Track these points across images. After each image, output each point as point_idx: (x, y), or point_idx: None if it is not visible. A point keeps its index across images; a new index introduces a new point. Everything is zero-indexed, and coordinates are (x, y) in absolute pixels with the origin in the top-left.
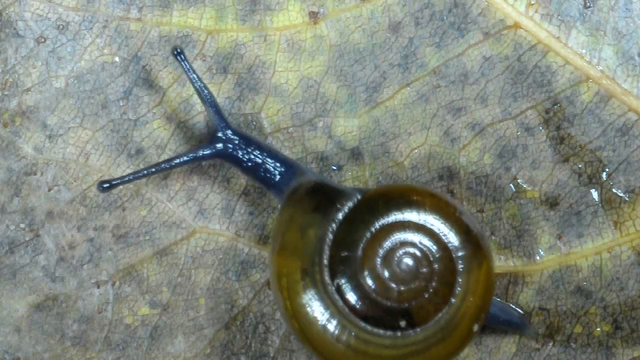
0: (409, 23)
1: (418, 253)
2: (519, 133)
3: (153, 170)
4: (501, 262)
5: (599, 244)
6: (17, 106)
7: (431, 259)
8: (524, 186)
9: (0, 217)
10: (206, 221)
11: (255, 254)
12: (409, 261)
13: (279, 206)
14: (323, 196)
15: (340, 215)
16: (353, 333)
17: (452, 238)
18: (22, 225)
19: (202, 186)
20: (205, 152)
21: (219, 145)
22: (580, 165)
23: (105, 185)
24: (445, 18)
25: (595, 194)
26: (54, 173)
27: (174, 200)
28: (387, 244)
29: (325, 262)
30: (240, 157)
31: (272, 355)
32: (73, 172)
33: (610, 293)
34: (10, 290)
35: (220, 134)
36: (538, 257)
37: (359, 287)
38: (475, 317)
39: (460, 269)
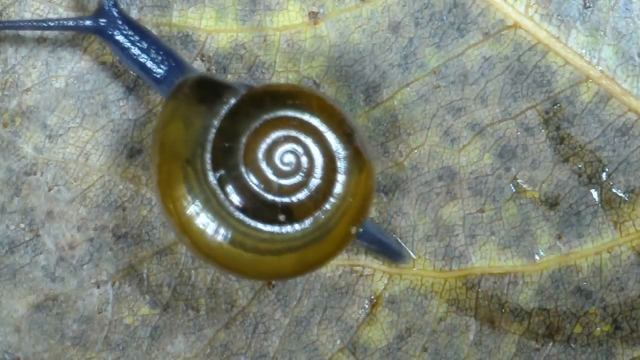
0: (409, 23)
1: (300, 149)
2: (518, 133)
3: (28, 24)
4: (501, 262)
5: (598, 244)
6: (17, 106)
7: (313, 156)
8: (524, 186)
9: (0, 217)
10: None
11: None
12: (290, 156)
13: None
14: (209, 89)
15: (225, 108)
16: (231, 225)
17: (335, 139)
18: (22, 225)
19: None
20: (84, 24)
21: (101, 21)
22: (580, 166)
23: None
24: (445, 18)
25: (595, 194)
26: (54, 173)
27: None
28: (270, 138)
29: (208, 153)
30: (121, 40)
31: (272, 355)
32: (73, 172)
33: (610, 293)
34: (10, 290)
35: (107, 9)
36: (538, 257)
37: (239, 179)
38: (353, 219)
39: (342, 169)
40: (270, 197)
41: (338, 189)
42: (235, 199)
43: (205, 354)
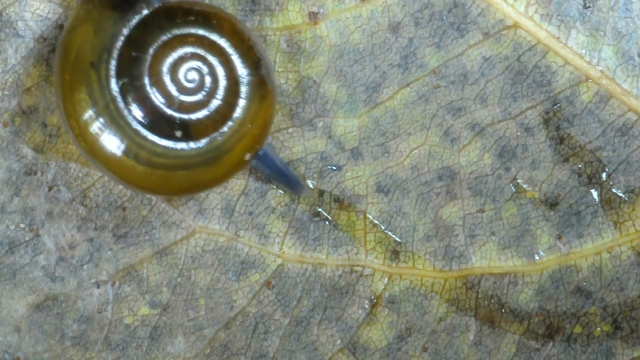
0: (409, 23)
1: (205, 68)
2: (518, 133)
3: None
4: (501, 262)
5: (598, 244)
6: (17, 106)
7: (217, 77)
8: (524, 186)
9: (0, 217)
10: (206, 221)
11: (255, 254)
12: (194, 74)
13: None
14: None
15: (137, 18)
16: (127, 135)
17: (241, 63)
18: (22, 225)
19: None
20: None
21: None
22: (580, 166)
23: None
24: (445, 18)
25: (595, 194)
26: (54, 173)
27: (174, 200)
28: (177, 53)
29: (114, 59)
30: None
31: (271, 355)
32: (73, 172)
33: (610, 293)
34: (10, 290)
35: None
36: (538, 257)
37: (141, 90)
38: (249, 146)
39: (244, 94)
40: (169, 111)
41: (238, 113)
42: (135, 109)
43: (205, 354)
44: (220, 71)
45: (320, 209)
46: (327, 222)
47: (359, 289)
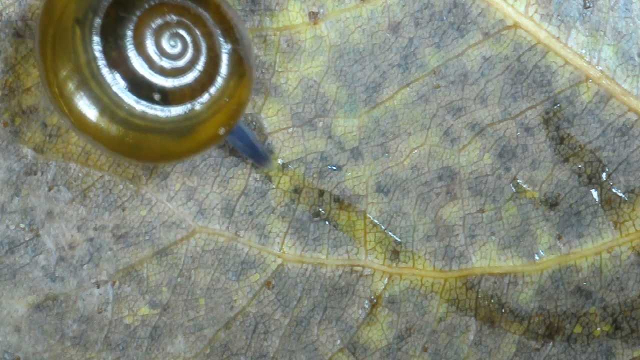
0: (409, 23)
1: (189, 38)
2: (518, 133)
3: None
4: (501, 262)
5: (598, 244)
6: (17, 106)
7: (201, 47)
8: (524, 186)
9: (0, 217)
10: (206, 221)
11: (255, 254)
12: (178, 41)
13: None
14: None
15: None
16: (106, 93)
17: (222, 39)
18: (22, 225)
19: (202, 186)
20: None
21: None
22: (580, 166)
23: None
24: (445, 18)
25: (595, 194)
26: (54, 173)
27: (174, 200)
28: (164, 18)
29: (99, 18)
30: None
31: (271, 355)
32: (73, 172)
33: (610, 293)
34: (10, 290)
35: None
36: (538, 257)
37: (124, 50)
38: (224, 120)
39: (224, 67)
40: (150, 74)
41: (217, 84)
42: (116, 68)
43: (205, 354)
44: (203, 43)
45: (320, 209)
46: (327, 222)
47: (359, 289)
